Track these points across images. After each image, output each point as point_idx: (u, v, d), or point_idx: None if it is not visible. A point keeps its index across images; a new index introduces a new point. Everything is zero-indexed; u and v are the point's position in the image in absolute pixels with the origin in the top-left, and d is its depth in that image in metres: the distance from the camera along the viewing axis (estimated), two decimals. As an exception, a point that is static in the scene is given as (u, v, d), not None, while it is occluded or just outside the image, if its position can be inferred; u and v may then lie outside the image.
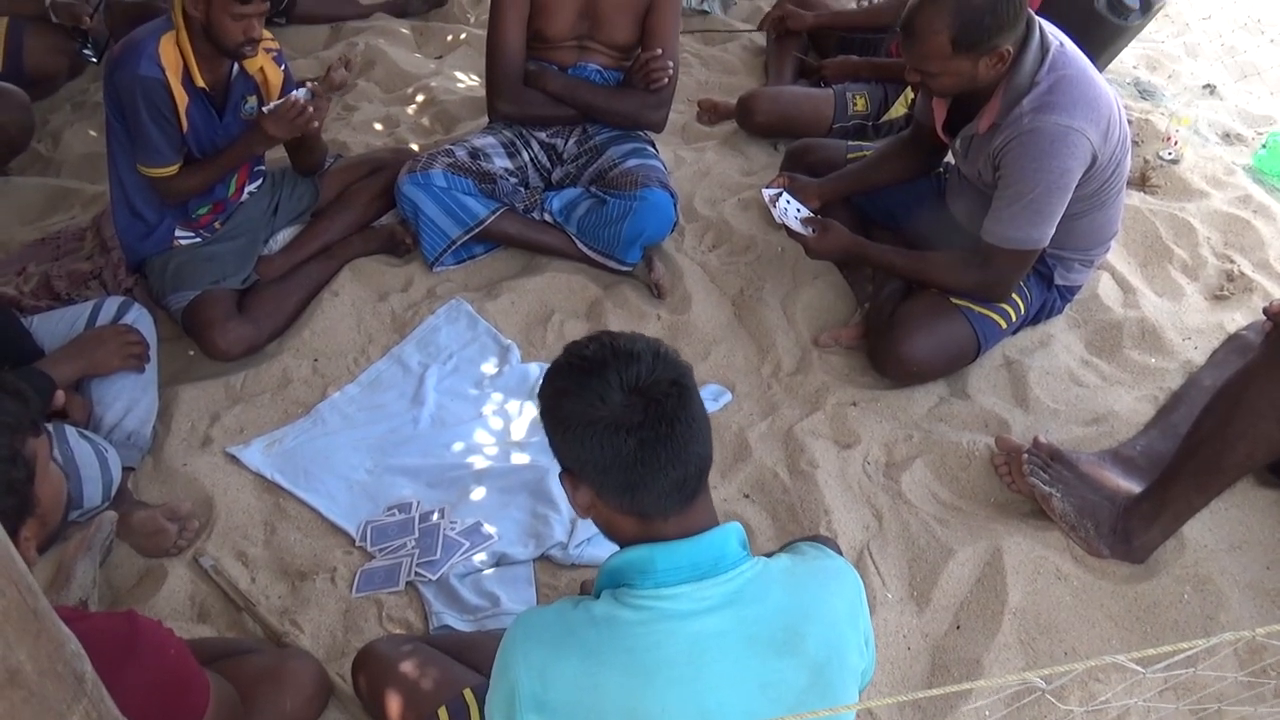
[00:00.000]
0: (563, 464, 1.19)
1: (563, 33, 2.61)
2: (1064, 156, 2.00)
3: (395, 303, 2.51)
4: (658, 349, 1.16)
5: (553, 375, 1.18)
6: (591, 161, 2.68)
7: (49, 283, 2.50)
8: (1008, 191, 2.07)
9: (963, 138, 2.19)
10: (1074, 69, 2.03)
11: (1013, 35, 1.97)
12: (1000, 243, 2.11)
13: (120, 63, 2.18)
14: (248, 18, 2.13)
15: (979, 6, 1.92)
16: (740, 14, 3.92)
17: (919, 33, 1.98)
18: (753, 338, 2.46)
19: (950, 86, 2.07)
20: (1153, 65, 3.79)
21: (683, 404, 1.13)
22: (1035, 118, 1.99)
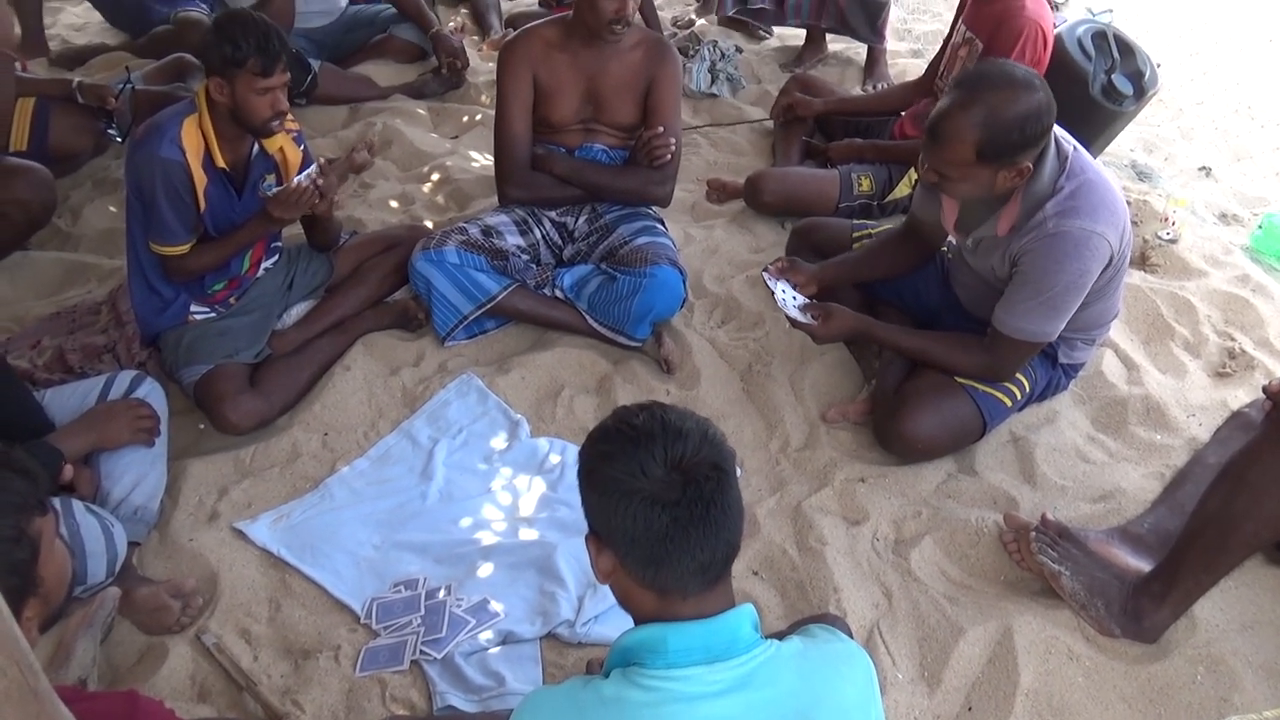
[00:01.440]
0: (591, 526, 1.19)
1: (567, 118, 2.69)
2: (1086, 259, 2.02)
3: (406, 377, 2.53)
4: (706, 430, 1.17)
5: (598, 438, 1.19)
6: (602, 239, 2.73)
7: (63, 356, 2.53)
8: (1026, 287, 2.08)
9: (975, 238, 2.21)
10: (1092, 173, 2.05)
11: (1035, 152, 1.99)
12: (1012, 333, 2.13)
13: (142, 144, 2.24)
14: (272, 90, 2.21)
15: (1008, 122, 1.92)
16: (748, 97, 4.02)
17: (944, 137, 1.97)
18: (761, 413, 2.48)
19: (965, 192, 2.07)
20: (1149, 148, 3.87)
21: (721, 488, 1.14)
22: (1060, 222, 2.01)
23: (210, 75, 2.21)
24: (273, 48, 2.16)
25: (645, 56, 2.66)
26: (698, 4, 4.85)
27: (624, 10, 2.48)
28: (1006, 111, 1.92)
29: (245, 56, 2.14)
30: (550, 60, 2.63)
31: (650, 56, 2.66)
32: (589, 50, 2.60)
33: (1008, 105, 1.92)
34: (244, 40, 2.13)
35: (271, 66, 2.17)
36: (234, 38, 2.13)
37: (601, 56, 2.62)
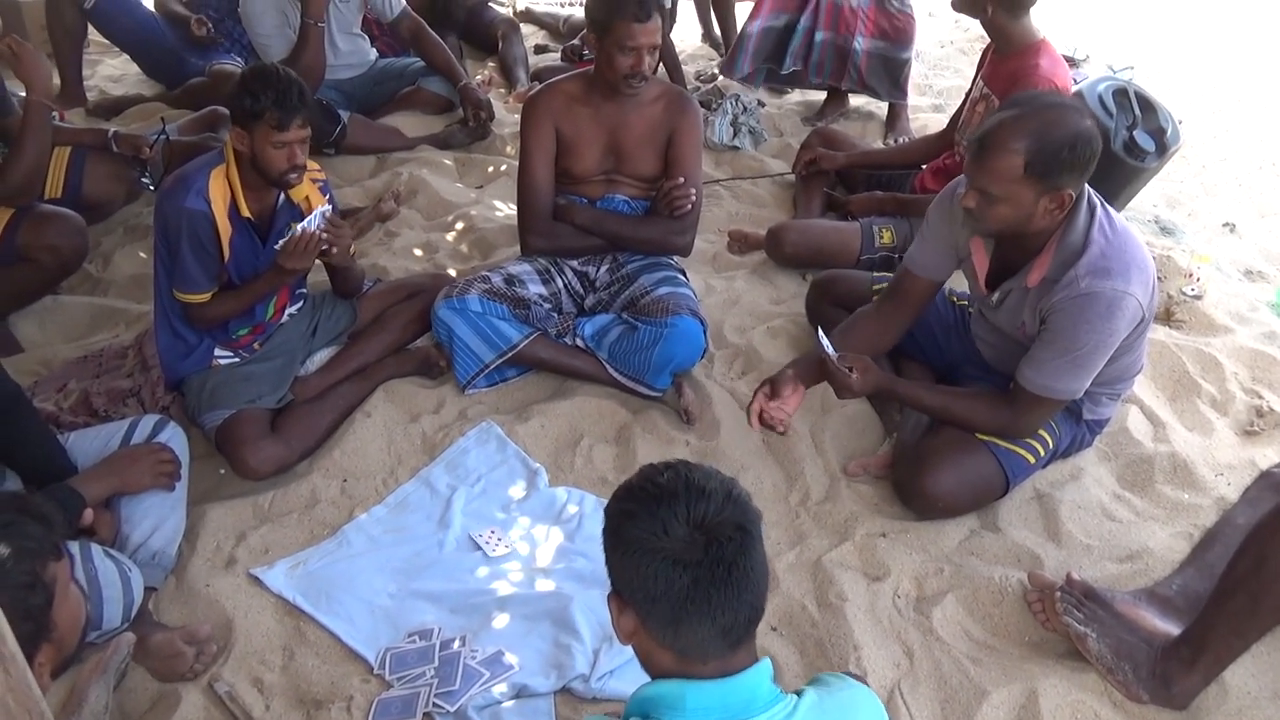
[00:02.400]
0: (614, 585, 1.19)
1: (589, 169, 2.72)
2: (1116, 319, 2.00)
3: (426, 424, 2.53)
4: (730, 490, 1.16)
5: (623, 495, 1.19)
6: (623, 289, 2.75)
7: (88, 400, 2.56)
8: (1054, 345, 2.05)
9: (1003, 290, 2.18)
10: (1121, 233, 2.04)
11: (1078, 184, 1.97)
12: (1038, 390, 2.10)
13: (169, 194, 2.30)
14: (289, 145, 2.24)
15: (1060, 139, 1.91)
16: (770, 150, 4.06)
17: (993, 146, 1.94)
18: (781, 465, 2.46)
19: (1003, 218, 2.01)
20: (1172, 203, 3.86)
21: (744, 550, 1.13)
22: (1094, 281, 1.98)
23: (233, 125, 2.27)
24: (290, 103, 2.20)
25: (666, 109, 2.70)
26: (721, 59, 4.92)
27: (639, 65, 2.51)
28: (1059, 128, 1.91)
29: (263, 109, 2.18)
30: (572, 113, 2.67)
31: (671, 109, 2.70)
32: (610, 103, 2.64)
33: (1060, 122, 1.92)
34: (263, 93, 2.18)
35: (288, 121, 2.20)
36: (254, 90, 2.18)
37: (623, 109, 2.66)
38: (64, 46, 4.12)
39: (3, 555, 1.36)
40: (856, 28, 3.98)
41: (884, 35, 4.00)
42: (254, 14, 3.69)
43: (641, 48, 2.50)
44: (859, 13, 3.96)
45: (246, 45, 4.12)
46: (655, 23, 2.49)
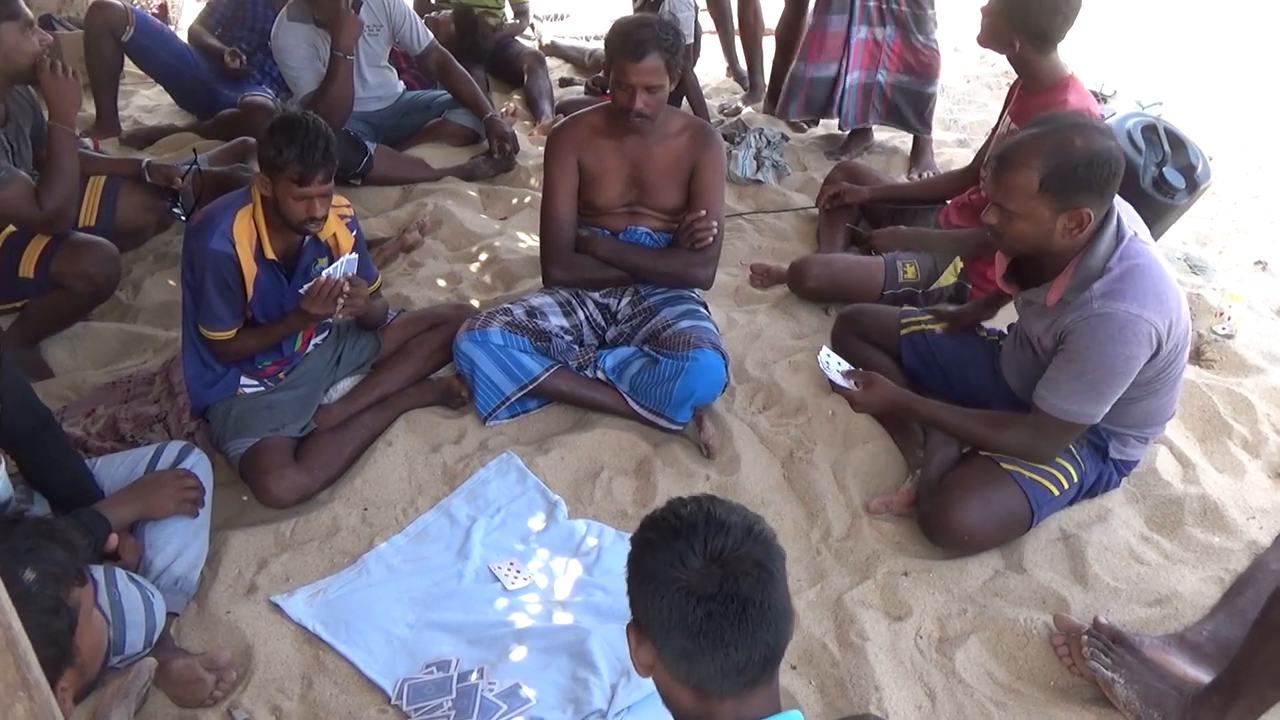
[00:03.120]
0: (633, 615, 1.18)
1: (612, 201, 2.74)
2: (1130, 344, 1.99)
3: (447, 455, 2.54)
4: (752, 526, 1.16)
5: (646, 525, 1.19)
6: (645, 322, 2.75)
7: (115, 425, 2.58)
8: (1069, 366, 2.05)
9: (1027, 300, 2.20)
10: (1146, 259, 2.03)
11: (1098, 204, 1.98)
12: (1052, 411, 2.10)
13: (196, 233, 2.32)
14: (309, 199, 2.26)
15: (1076, 156, 1.93)
16: (793, 184, 4.06)
17: (1010, 163, 1.98)
18: (802, 501, 2.44)
19: (1023, 235, 2.03)
20: (1203, 240, 3.83)
21: (761, 587, 1.12)
22: (1106, 303, 1.98)
23: (260, 169, 2.29)
24: (313, 159, 2.20)
25: (689, 142, 2.71)
26: (744, 92, 4.96)
27: (632, 103, 2.53)
28: (1077, 146, 1.94)
29: (285, 163, 2.20)
30: (595, 146, 2.69)
31: (694, 142, 2.71)
32: (633, 136, 2.66)
33: (1079, 141, 1.95)
34: (288, 147, 2.19)
35: (309, 177, 2.22)
36: (279, 143, 2.20)
37: (645, 142, 2.67)
38: (101, 78, 4.21)
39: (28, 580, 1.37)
40: (881, 61, 4.00)
41: (909, 69, 4.01)
42: (285, 47, 3.75)
43: (635, 86, 2.52)
44: (884, 46, 3.98)
45: (277, 77, 4.20)
46: (649, 63, 2.50)
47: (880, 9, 3.90)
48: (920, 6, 3.91)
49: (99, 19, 4.12)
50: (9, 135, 2.73)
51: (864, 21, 3.93)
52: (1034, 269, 2.16)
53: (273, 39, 3.82)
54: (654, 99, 2.56)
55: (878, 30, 3.95)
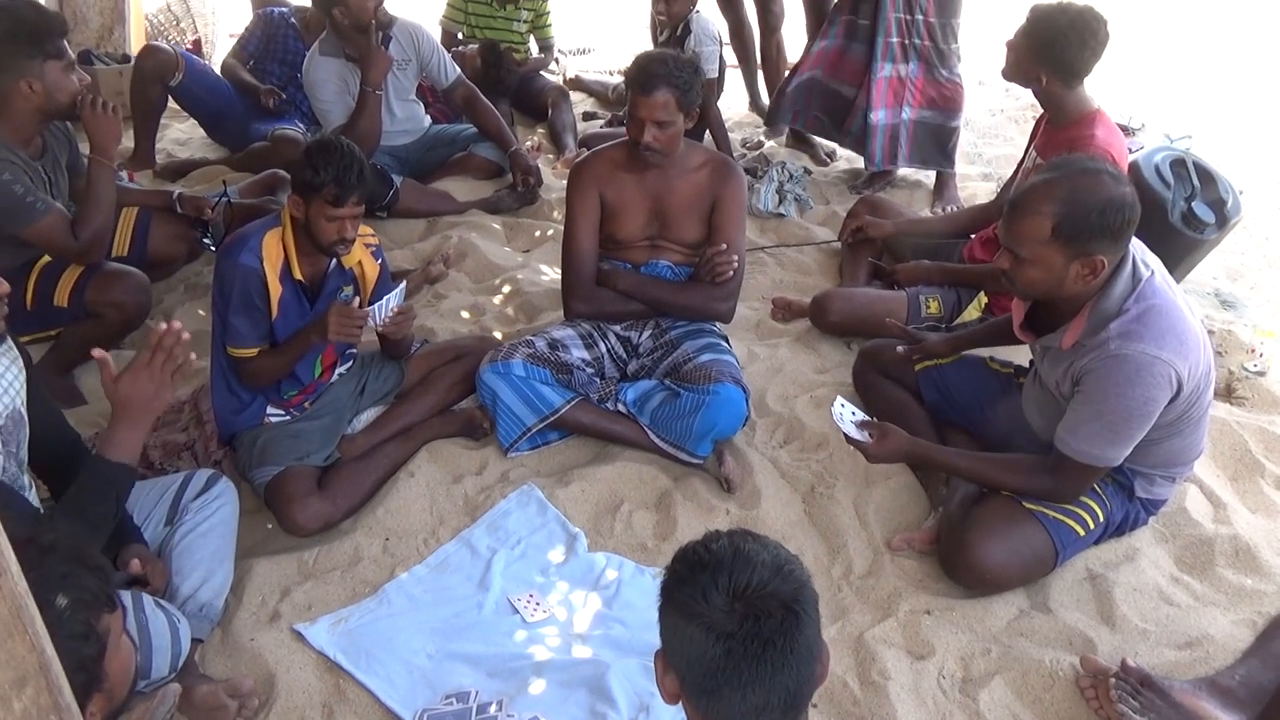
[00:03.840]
0: (661, 642, 1.18)
1: (634, 235, 2.76)
2: (1148, 385, 1.97)
3: (469, 485, 2.55)
4: (783, 565, 1.14)
5: (678, 557, 1.19)
6: (666, 355, 2.76)
7: (145, 453, 2.60)
8: (1087, 408, 2.03)
9: (1044, 345, 2.19)
10: (1163, 300, 2.01)
11: (1112, 250, 1.97)
12: (1072, 454, 2.07)
13: (226, 251, 2.39)
14: (341, 220, 2.31)
15: (1089, 204, 1.92)
16: (816, 218, 4.07)
17: (1023, 208, 1.98)
18: (823, 537, 2.42)
19: (1036, 281, 2.03)
20: (1234, 276, 3.78)
21: (785, 629, 1.10)
22: (1122, 344, 1.97)
23: (292, 191, 2.36)
24: (349, 181, 2.27)
25: (710, 176, 2.73)
26: (766, 127, 4.98)
27: (640, 135, 2.56)
28: (1089, 193, 1.93)
29: (321, 184, 2.26)
30: (617, 181, 2.72)
31: (715, 176, 2.73)
32: (654, 170, 2.68)
33: (1092, 188, 1.94)
34: (324, 168, 2.26)
35: (343, 198, 2.28)
36: (316, 164, 2.27)
37: (667, 176, 2.70)
38: (144, 118, 4.31)
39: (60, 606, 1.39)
40: (905, 98, 4.01)
41: (932, 104, 4.02)
42: (316, 81, 3.82)
43: (643, 120, 2.54)
44: (907, 82, 3.99)
45: (308, 110, 4.27)
46: (659, 98, 2.53)
47: (903, 45, 3.91)
48: (944, 42, 3.92)
49: (150, 63, 4.21)
50: (46, 167, 2.79)
51: (887, 58, 3.93)
52: (1049, 314, 2.15)
53: (304, 73, 3.89)
54: (665, 134, 2.58)
55: (901, 67, 3.95)
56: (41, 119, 2.69)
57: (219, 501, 2.20)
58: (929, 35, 3.89)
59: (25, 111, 2.62)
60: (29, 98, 2.59)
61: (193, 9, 5.76)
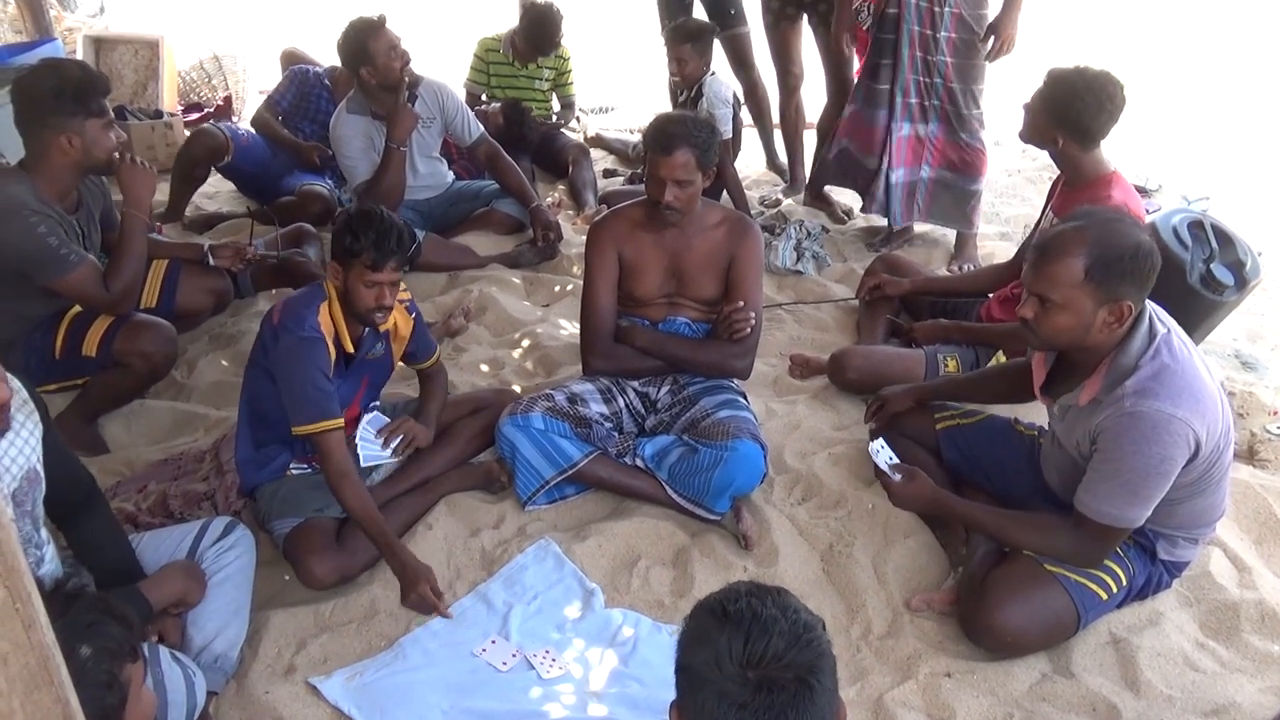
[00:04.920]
0: (676, 693, 1.17)
1: (652, 292, 2.79)
2: (1165, 444, 1.96)
3: (486, 539, 2.55)
4: (801, 634, 1.12)
5: (698, 609, 1.18)
6: (684, 411, 2.76)
7: (165, 501, 2.63)
8: (1105, 467, 2.03)
9: (1062, 406, 2.18)
10: (1180, 360, 2.01)
11: (1138, 297, 1.98)
12: (1093, 515, 2.06)
13: (286, 329, 2.34)
14: (379, 285, 2.34)
15: (1121, 247, 1.94)
16: (833, 275, 4.10)
17: (1054, 251, 1.97)
18: (842, 596, 2.41)
19: (1063, 328, 2.02)
20: (1254, 337, 3.77)
21: (798, 702, 1.08)
22: (1138, 401, 1.96)
23: (331, 259, 2.38)
24: (388, 246, 2.30)
25: (727, 234, 2.76)
26: (785, 184, 5.04)
27: (660, 195, 2.60)
28: (1120, 237, 1.95)
29: (360, 249, 2.29)
30: (635, 239, 2.76)
31: (732, 234, 2.77)
32: (672, 229, 2.72)
33: (1122, 233, 1.96)
34: (364, 234, 2.29)
35: (381, 262, 2.30)
36: (356, 230, 2.30)
37: (685, 234, 2.73)
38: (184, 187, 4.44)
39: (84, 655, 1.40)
40: (924, 156, 4.05)
41: (951, 166, 4.04)
42: (343, 137, 3.90)
43: (664, 179, 2.59)
44: (926, 141, 4.02)
45: (334, 167, 4.35)
46: (677, 158, 2.57)
47: (922, 105, 3.95)
48: (965, 107, 3.93)
49: (200, 147, 4.34)
50: (80, 220, 2.85)
51: (905, 118, 3.97)
52: (1068, 372, 2.14)
53: (331, 129, 3.97)
54: (684, 193, 2.62)
55: (919, 127, 3.99)
56: (78, 173, 2.76)
57: (236, 550, 2.22)
58: (948, 99, 3.92)
59: (63, 166, 2.69)
60: (67, 153, 2.66)
61: (225, 66, 5.92)
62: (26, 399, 1.90)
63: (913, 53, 3.85)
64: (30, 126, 2.66)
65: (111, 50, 5.68)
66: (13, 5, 5.87)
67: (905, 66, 3.87)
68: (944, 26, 3.77)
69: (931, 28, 3.79)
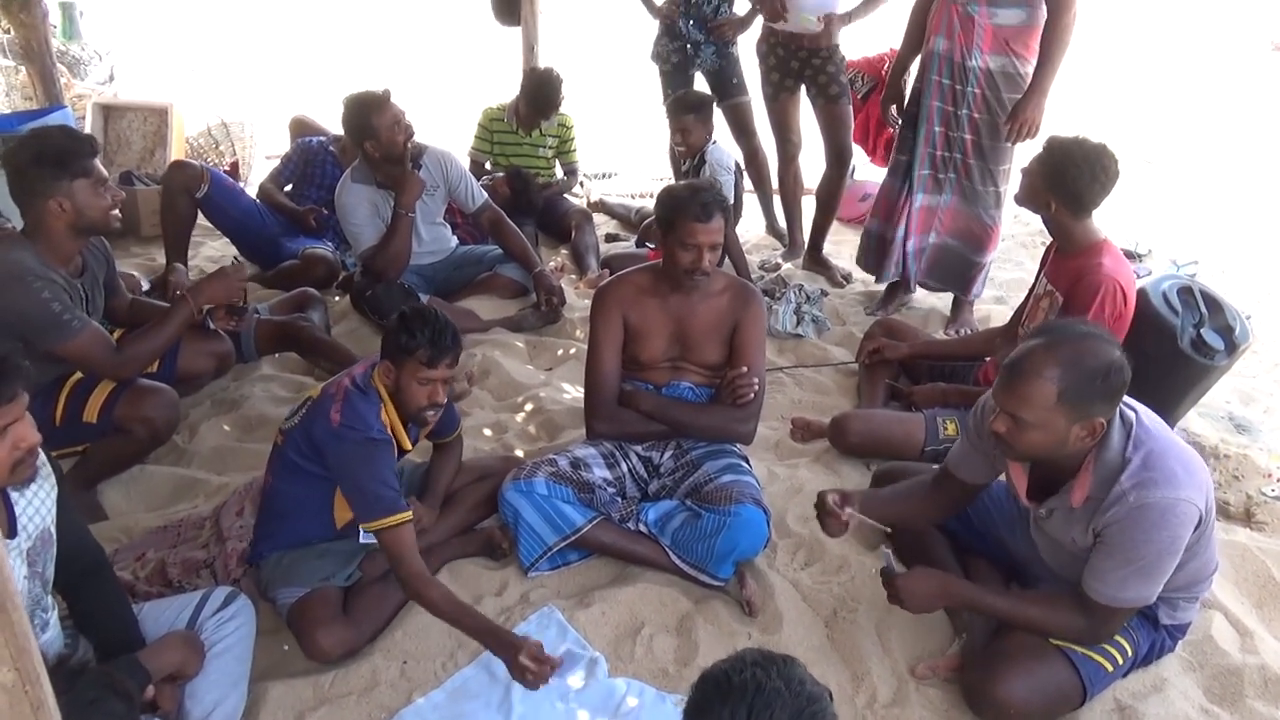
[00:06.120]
0: None
1: (656, 357, 2.82)
2: (1174, 526, 1.97)
3: (489, 607, 2.53)
4: (804, 705, 1.12)
5: (703, 680, 1.18)
6: (687, 475, 2.78)
7: (164, 569, 2.62)
8: (1115, 557, 2.02)
9: (1048, 507, 2.17)
10: (1159, 440, 2.03)
11: (1110, 411, 1.99)
12: (1106, 601, 2.06)
13: (353, 429, 2.32)
14: (433, 382, 2.36)
15: (1094, 368, 1.93)
16: (833, 339, 4.14)
17: (1026, 374, 1.96)
18: (846, 663, 2.39)
19: (1035, 445, 2.02)
20: (1246, 400, 3.80)
21: None
22: (1141, 494, 1.97)
23: (383, 359, 2.38)
24: (444, 343, 2.32)
25: (731, 301, 2.81)
26: (784, 249, 5.11)
27: (699, 261, 2.65)
28: (1092, 358, 1.94)
29: (416, 346, 2.30)
30: (640, 304, 2.80)
31: (736, 301, 2.81)
32: (677, 295, 2.76)
33: (1093, 352, 1.95)
34: (420, 331, 2.30)
35: (437, 359, 2.32)
36: (411, 328, 2.31)
37: (689, 300, 2.77)
38: (173, 231, 4.45)
39: None
40: (934, 225, 4.11)
41: (959, 235, 4.10)
42: (348, 205, 3.96)
43: (702, 245, 2.64)
44: (938, 211, 4.08)
45: (339, 231, 4.41)
46: (717, 223, 2.64)
47: (935, 178, 4.01)
48: (980, 183, 3.97)
49: (177, 177, 4.39)
50: (85, 285, 2.88)
51: (920, 189, 4.04)
52: (1049, 476, 2.14)
53: (336, 196, 4.04)
54: (715, 257, 2.70)
55: (932, 198, 4.06)
56: (77, 236, 2.76)
57: (236, 621, 2.20)
58: (964, 174, 3.96)
59: (59, 230, 2.70)
60: (60, 216, 2.68)
61: (232, 133, 6.03)
62: (44, 460, 1.91)
63: (930, 128, 3.93)
64: (22, 195, 2.70)
65: (120, 117, 5.79)
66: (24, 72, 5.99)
67: (923, 140, 3.96)
68: (966, 105, 3.84)
69: (954, 105, 3.87)
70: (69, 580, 2.05)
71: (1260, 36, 12.27)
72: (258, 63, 10.32)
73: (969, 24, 3.73)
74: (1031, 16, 3.69)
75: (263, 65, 10.19)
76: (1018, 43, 3.74)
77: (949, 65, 3.82)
